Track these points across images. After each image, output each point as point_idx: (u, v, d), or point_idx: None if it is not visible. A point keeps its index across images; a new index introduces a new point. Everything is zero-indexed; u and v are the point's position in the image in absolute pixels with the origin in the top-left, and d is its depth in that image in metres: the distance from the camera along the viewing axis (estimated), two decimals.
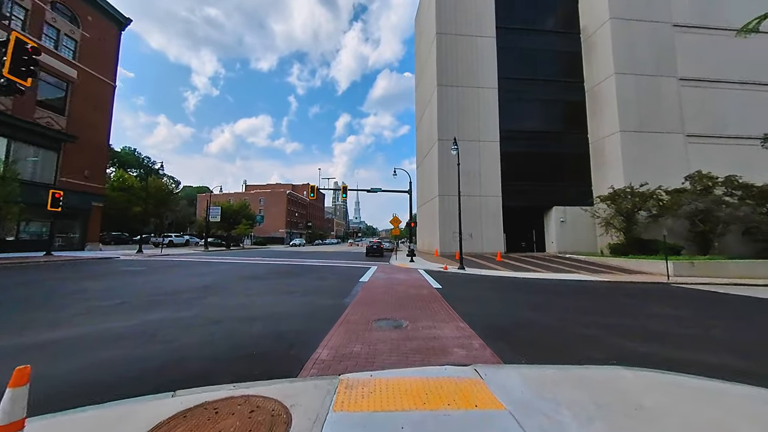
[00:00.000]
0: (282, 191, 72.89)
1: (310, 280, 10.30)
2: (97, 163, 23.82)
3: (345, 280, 10.58)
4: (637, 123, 23.95)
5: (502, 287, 10.24)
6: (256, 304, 6.29)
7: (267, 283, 9.42)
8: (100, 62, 23.71)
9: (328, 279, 10.76)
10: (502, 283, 11.35)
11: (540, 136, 27.05)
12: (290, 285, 9.16)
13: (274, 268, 14.33)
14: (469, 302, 7.38)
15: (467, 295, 8.48)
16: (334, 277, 11.23)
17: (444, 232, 25.11)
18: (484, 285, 10.53)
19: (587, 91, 27.41)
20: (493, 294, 8.83)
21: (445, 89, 26.74)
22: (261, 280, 10.06)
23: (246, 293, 7.54)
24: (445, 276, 12.75)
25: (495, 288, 10.01)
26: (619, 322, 5.74)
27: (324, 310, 5.92)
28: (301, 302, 6.67)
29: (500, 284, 10.89)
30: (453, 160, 26.04)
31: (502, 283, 11.12)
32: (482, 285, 10.54)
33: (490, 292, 9.24)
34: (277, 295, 7.38)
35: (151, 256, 19.73)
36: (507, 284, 10.92)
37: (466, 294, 8.60)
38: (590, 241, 25.48)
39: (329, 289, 8.45)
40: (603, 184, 24.80)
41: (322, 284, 9.42)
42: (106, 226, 42.85)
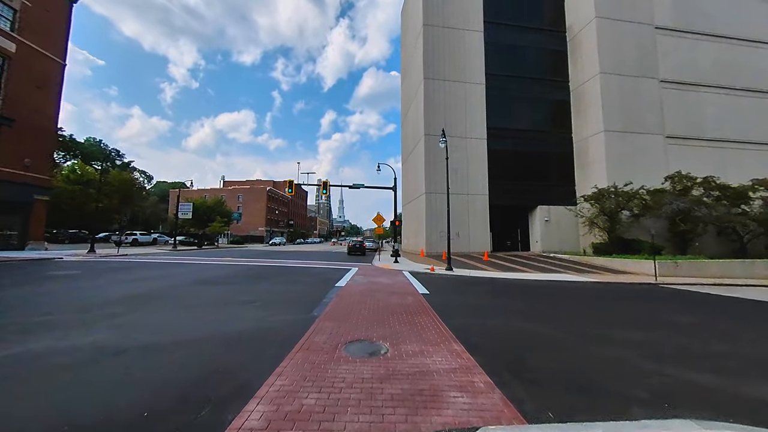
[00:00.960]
0: (262, 188, 69.82)
1: (277, 285, 8.89)
2: (42, 150, 21.01)
3: (319, 284, 9.26)
4: (621, 123, 24.01)
5: (495, 291, 9.28)
6: (193, 323, 4.87)
7: (223, 290, 7.94)
8: (46, 36, 20.89)
9: (299, 283, 9.40)
10: (494, 285, 10.42)
11: (526, 135, 26.70)
12: (251, 292, 7.74)
13: (241, 270, 12.74)
14: (461, 312, 6.30)
15: (458, 302, 7.41)
16: (306, 281, 9.87)
17: (430, 231, 24.19)
18: (475, 288, 9.54)
19: (572, 90, 27.34)
20: (486, 300, 7.82)
21: (432, 83, 25.79)
22: (218, 286, 8.54)
23: (188, 305, 6.07)
24: (432, 279, 11.69)
25: (487, 292, 9.03)
26: (638, 337, 4.82)
27: (282, 330, 4.60)
28: (257, 317, 5.31)
29: (492, 287, 9.95)
30: (440, 155, 25.23)
31: (494, 286, 10.19)
32: (473, 288, 9.54)
33: (482, 297, 8.23)
34: (228, 308, 5.97)
35: (101, 257, 17.47)
36: (499, 287, 9.99)
37: (457, 300, 7.53)
38: (574, 240, 25.39)
39: (297, 298, 7.11)
40: (586, 183, 24.73)
41: (291, 291, 8.05)
42: (62, 223, 38.94)
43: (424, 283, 10.26)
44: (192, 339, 4.09)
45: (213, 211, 41.12)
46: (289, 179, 23.78)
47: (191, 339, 4.09)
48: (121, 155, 77.99)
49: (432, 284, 10.07)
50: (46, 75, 21.05)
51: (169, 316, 5.24)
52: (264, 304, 6.30)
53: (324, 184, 24.20)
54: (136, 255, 20.02)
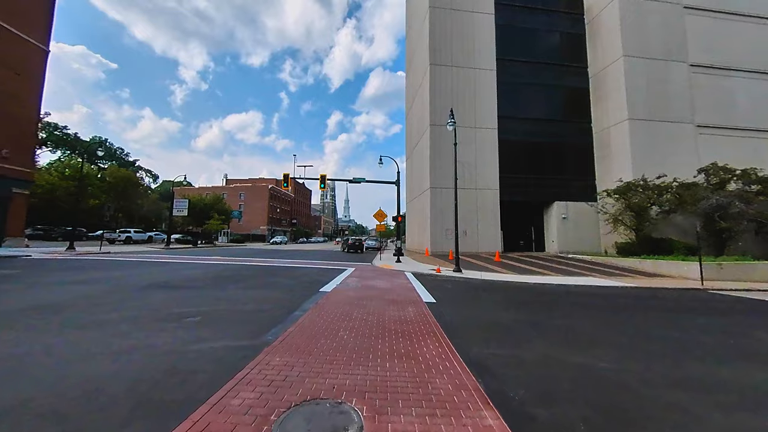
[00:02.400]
0: (264, 186, 68.57)
1: (246, 291, 7.17)
2: (22, 141, 19.73)
3: (300, 289, 7.51)
4: (647, 111, 21.79)
5: (515, 298, 7.42)
6: (62, 357, 3.12)
7: (172, 297, 6.24)
8: (25, 19, 19.60)
9: (275, 288, 7.66)
10: (512, 291, 8.55)
11: (540, 125, 24.61)
12: (205, 300, 6.02)
13: (217, 270, 11.08)
14: (480, 333, 4.49)
15: (473, 316, 5.59)
16: (286, 285, 8.13)
17: (435, 229, 22.32)
18: (490, 295, 7.69)
19: (591, 76, 25.16)
20: (508, 312, 5.97)
21: (438, 69, 23.90)
22: (171, 291, 6.85)
23: (98, 322, 4.32)
24: (439, 282, 9.87)
25: (507, 300, 7.17)
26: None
27: (193, 373, 2.83)
28: (175, 345, 3.55)
29: (510, 293, 8.08)
30: (446, 147, 23.34)
31: (512, 292, 8.32)
32: (488, 295, 7.69)
33: (502, 307, 6.38)
34: (149, 327, 4.21)
35: (76, 255, 16.04)
36: (519, 293, 8.13)
37: (472, 314, 5.71)
38: (594, 239, 23.25)
39: (259, 310, 5.36)
40: (608, 177, 22.59)
41: (258, 299, 6.31)
42: (57, 219, 38.01)
43: (429, 287, 8.44)
44: (22, 397, 2.35)
45: (211, 209, 39.81)
46: (284, 173, 22.19)
47: (21, 398, 2.35)
48: (126, 154, 77.90)
49: (439, 289, 8.25)
50: (26, 61, 19.76)
51: (47, 341, 3.53)
52: (207, 320, 4.56)
53: (322, 178, 22.56)
54: (118, 253, 18.59)
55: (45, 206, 35.86)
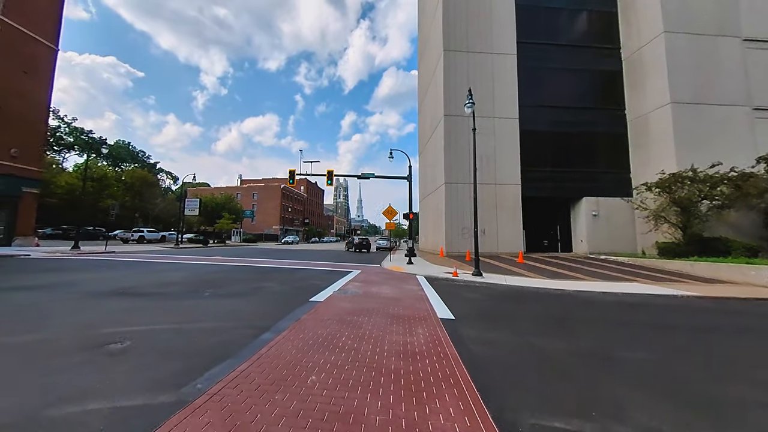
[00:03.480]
0: (276, 185, 68.61)
1: (221, 300, 5.93)
2: (31, 140, 19.69)
3: (287, 299, 6.20)
4: (693, 93, 19.19)
5: (558, 313, 5.80)
6: None
7: (125, 308, 5.06)
8: (34, 17, 19.53)
9: (258, 297, 6.38)
10: (550, 302, 6.89)
11: (566, 113, 22.38)
12: (160, 315, 4.79)
13: (206, 273, 10.00)
14: (530, 382, 2.96)
15: (510, 344, 4.04)
16: (274, 292, 6.85)
17: (450, 228, 20.64)
18: (525, 308, 6.09)
19: (625, 58, 22.65)
20: (561, 339, 4.36)
21: (452, 55, 22.17)
22: (131, 300, 5.70)
23: None
24: (457, 289, 8.32)
25: (549, 317, 5.56)
26: None
27: None
28: (59, 400, 2.27)
29: (549, 305, 6.45)
30: (462, 140, 21.60)
31: (551, 303, 6.67)
32: (522, 308, 6.10)
33: (548, 329, 4.78)
34: (52, 363, 2.98)
35: (76, 255, 15.58)
36: (561, 305, 6.47)
37: (507, 340, 4.16)
38: (629, 239, 20.85)
39: (219, 332, 4.03)
40: (646, 169, 20.15)
41: (227, 313, 4.99)
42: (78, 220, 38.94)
43: (444, 296, 6.94)
44: None
45: (222, 208, 39.68)
46: (290, 169, 21.17)
47: None
48: (147, 157, 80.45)
49: (456, 299, 6.73)
50: (35, 60, 19.70)
51: None
52: (135, 349, 3.28)
53: (329, 174, 21.37)
54: (123, 253, 18.12)
55: (66, 207, 36.84)
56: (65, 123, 67.33)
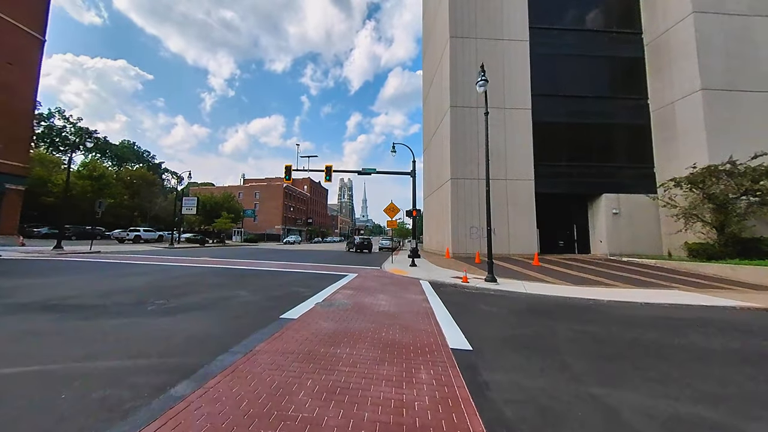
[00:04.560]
0: (278, 184, 67.64)
1: (161, 319, 4.58)
2: (16, 134, 18.78)
3: (251, 315, 4.84)
4: (726, 78, 17.40)
5: (607, 336, 4.34)
6: None
7: (27, 329, 3.79)
8: (19, 6, 18.61)
9: (214, 312, 5.02)
10: (588, 318, 5.43)
11: (583, 103, 20.71)
12: (62, 341, 3.48)
13: (176, 278, 8.72)
14: None
15: (562, 399, 2.61)
16: (239, 305, 5.51)
17: (457, 227, 19.15)
18: (563, 330, 4.63)
19: (647, 43, 20.88)
20: (635, 389, 2.92)
21: (459, 42, 20.69)
22: (49, 316, 4.42)
23: None
24: (469, 299, 6.90)
25: (598, 343, 4.10)
26: None
27: None
28: None
29: (589, 323, 4.98)
30: (469, 132, 20.07)
31: (591, 320, 5.21)
32: (559, 329, 4.64)
33: (612, 371, 3.32)
34: None
35: (55, 255, 14.52)
36: (603, 324, 5.00)
37: (558, 394, 2.72)
38: (653, 239, 19.12)
39: (110, 380, 2.66)
40: (673, 163, 18.43)
41: (151, 341, 3.55)
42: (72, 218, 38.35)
43: (455, 310, 5.53)
44: None
45: (221, 207, 38.70)
46: (286, 164, 19.95)
47: None
48: (152, 156, 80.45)
49: (471, 315, 5.31)
50: (20, 50, 18.78)
51: None
52: None
53: (327, 170, 20.10)
54: (109, 253, 17.06)
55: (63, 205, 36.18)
56: (71, 123, 67.43)
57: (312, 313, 5.02)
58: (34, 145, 56.58)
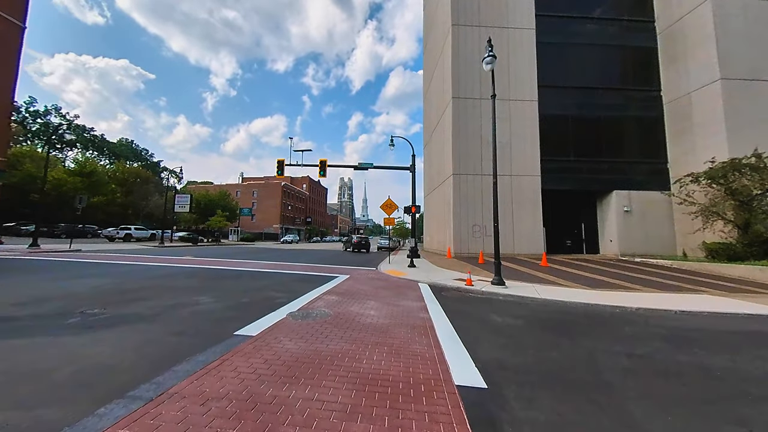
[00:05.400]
0: (276, 183, 66.59)
1: (78, 337, 3.52)
2: None
3: (200, 331, 3.79)
4: (748, 67, 16.29)
5: (665, 361, 3.29)
6: None
7: None
8: None
9: (159, 323, 3.99)
10: (626, 331, 4.37)
11: (593, 95, 19.62)
12: None
13: (143, 278, 7.69)
14: None
15: None
16: (197, 313, 4.47)
17: (459, 225, 18.07)
18: (600, 352, 3.56)
19: (661, 32, 19.77)
20: None
21: (462, 31, 19.60)
22: None
23: None
24: (476, 307, 5.83)
25: (658, 374, 3.04)
26: None
27: None
28: None
29: (633, 341, 3.93)
30: (472, 125, 18.97)
31: (631, 335, 4.16)
32: (594, 351, 3.58)
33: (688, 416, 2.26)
34: None
35: (27, 254, 13.50)
36: (647, 339, 3.96)
37: None
38: (666, 238, 18.03)
39: None
40: (688, 157, 17.36)
41: (43, 371, 2.62)
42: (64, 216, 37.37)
43: (460, 322, 4.47)
44: None
45: (216, 205, 37.66)
46: (278, 159, 18.90)
47: None
48: (150, 155, 79.57)
49: (480, 329, 4.26)
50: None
51: None
52: None
53: (322, 164, 19.05)
54: (91, 252, 16.04)
55: (53, 203, 35.26)
56: (67, 121, 66.52)
57: (279, 327, 3.96)
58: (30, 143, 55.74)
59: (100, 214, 40.76)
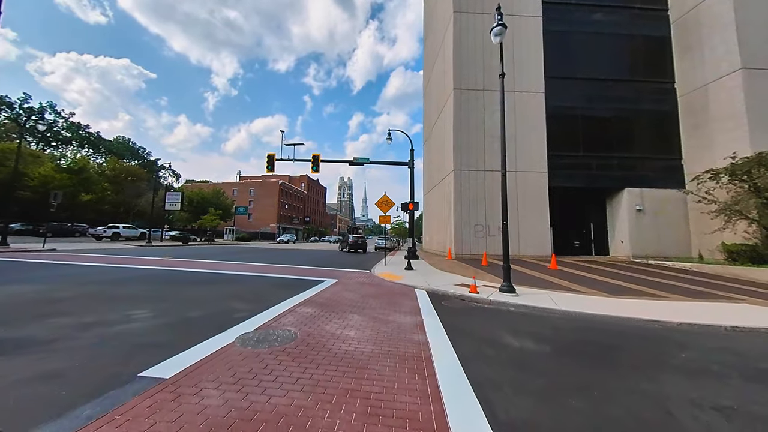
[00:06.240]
0: (274, 181, 65.40)
1: None
2: None
3: (93, 370, 2.69)
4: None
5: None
6: None
7: None
8: None
9: (53, 352, 2.87)
10: (705, 371, 3.25)
11: (603, 87, 18.51)
12: None
13: (87, 282, 6.58)
14: None
15: None
16: (117, 335, 3.37)
17: (460, 224, 16.95)
18: (694, 413, 2.43)
19: (674, 21, 18.67)
20: None
21: (464, 18, 18.49)
22: None
23: None
24: (485, 323, 4.72)
25: None
26: None
27: None
28: None
29: (727, 399, 2.81)
30: (475, 118, 17.80)
31: (710, 376, 3.04)
32: (675, 407, 2.45)
33: None
34: None
35: None
36: (722, 378, 2.84)
37: None
38: (681, 239, 16.93)
39: None
40: (704, 153, 16.27)
41: None
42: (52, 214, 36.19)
43: (465, 347, 3.38)
44: None
45: (209, 203, 36.49)
46: (269, 153, 17.79)
47: None
48: (148, 153, 78.43)
49: (494, 360, 3.14)
50: None
51: None
52: None
53: (315, 159, 17.93)
54: (66, 252, 14.91)
55: (40, 200, 34.11)
56: (62, 118, 65.32)
57: (214, 361, 2.83)
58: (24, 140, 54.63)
59: (90, 212, 39.65)
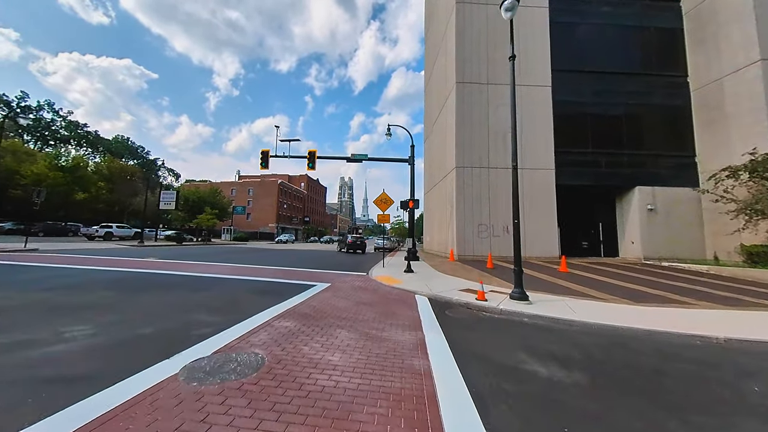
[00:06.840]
0: (273, 181, 64.65)
1: None
2: None
3: None
4: None
5: None
6: None
7: None
8: None
9: None
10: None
11: (612, 80, 17.70)
12: None
13: (38, 290, 5.79)
14: None
15: None
16: None
17: (463, 224, 16.17)
18: None
19: (687, 12, 17.85)
20: None
21: (467, 8, 17.71)
22: None
23: None
24: (500, 342, 3.94)
25: None
26: None
27: None
28: None
29: None
30: (478, 113, 16.95)
31: None
32: None
33: None
34: None
35: None
36: None
37: None
38: (695, 240, 16.12)
39: None
40: (719, 150, 15.49)
41: None
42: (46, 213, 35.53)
43: (476, 380, 2.65)
44: None
45: (205, 203, 35.77)
46: (263, 150, 17.05)
47: None
48: (147, 153, 77.85)
49: (520, 404, 2.42)
50: None
51: None
52: None
53: (311, 155, 17.18)
54: (50, 252, 14.22)
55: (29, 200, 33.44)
56: (61, 117, 64.72)
57: (137, 407, 2.06)
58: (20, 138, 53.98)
59: (86, 212, 39.00)
